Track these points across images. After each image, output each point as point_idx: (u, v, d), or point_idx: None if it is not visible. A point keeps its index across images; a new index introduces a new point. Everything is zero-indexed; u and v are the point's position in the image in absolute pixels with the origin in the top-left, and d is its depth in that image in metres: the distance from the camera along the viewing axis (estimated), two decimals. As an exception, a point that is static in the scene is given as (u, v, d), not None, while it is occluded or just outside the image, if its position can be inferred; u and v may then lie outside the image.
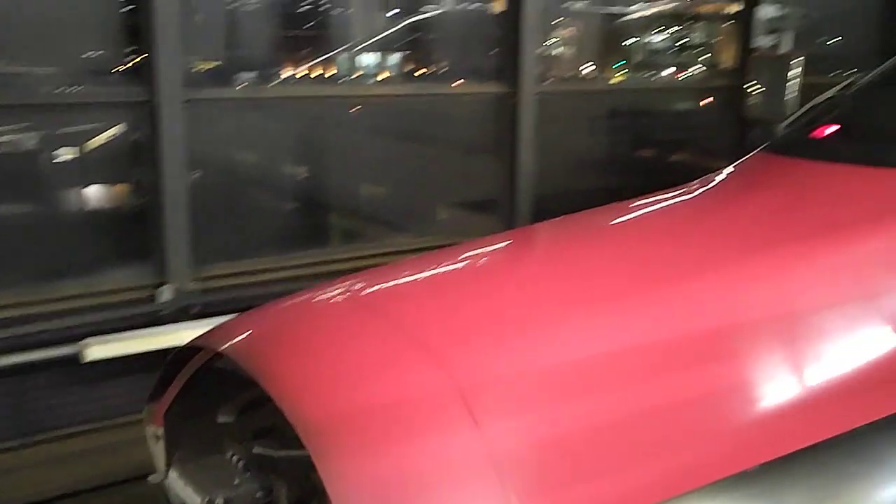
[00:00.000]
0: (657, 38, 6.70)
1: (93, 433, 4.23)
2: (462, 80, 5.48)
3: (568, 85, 6.00)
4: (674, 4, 6.66)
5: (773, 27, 6.10)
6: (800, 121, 3.50)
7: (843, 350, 2.20)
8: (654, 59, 6.68)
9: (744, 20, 6.34)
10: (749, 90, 6.20)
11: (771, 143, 3.36)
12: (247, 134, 4.75)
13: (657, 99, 6.50)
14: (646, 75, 6.59)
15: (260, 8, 4.91)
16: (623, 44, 6.53)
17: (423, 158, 5.44)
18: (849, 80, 3.75)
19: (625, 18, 6.45)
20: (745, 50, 6.30)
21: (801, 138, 3.26)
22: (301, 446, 1.86)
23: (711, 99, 6.62)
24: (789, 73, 6.00)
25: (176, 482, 2.44)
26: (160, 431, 2.54)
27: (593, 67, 6.27)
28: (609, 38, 6.41)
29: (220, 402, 2.47)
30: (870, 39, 7.45)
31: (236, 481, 2.29)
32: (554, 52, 6.18)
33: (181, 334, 4.14)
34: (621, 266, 2.44)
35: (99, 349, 3.95)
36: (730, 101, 6.46)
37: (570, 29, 6.21)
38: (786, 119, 5.44)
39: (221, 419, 2.44)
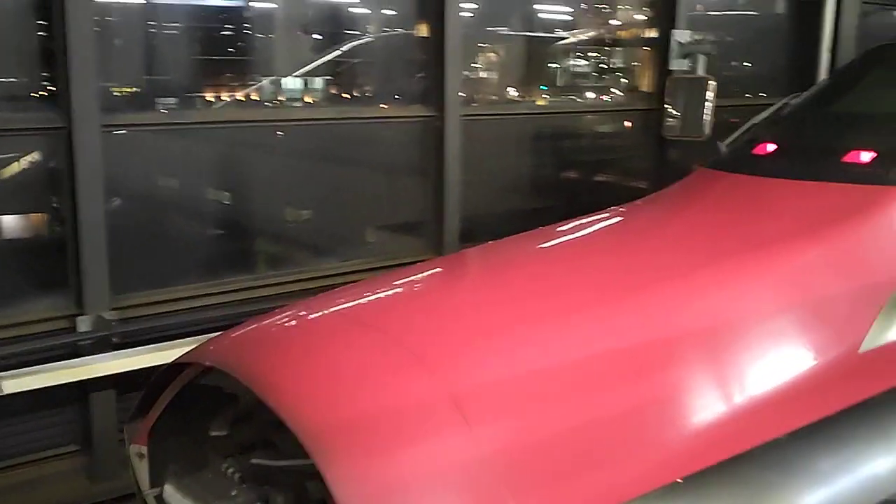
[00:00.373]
0: (580, 63, 6.85)
1: (11, 470, 4.09)
2: (388, 105, 5.51)
3: (493, 108, 6.08)
4: (594, 31, 6.82)
5: (688, 52, 6.28)
6: (740, 139, 3.87)
7: (777, 360, 2.45)
8: (578, 82, 6.82)
9: (660, 45, 6.53)
10: (667, 111, 6.41)
11: (715, 160, 3.75)
12: (168, 160, 4.67)
13: (581, 121, 6.63)
14: (569, 98, 6.72)
15: (181, 32, 4.85)
16: (547, 68, 6.65)
17: (350, 182, 5.43)
18: (783, 102, 4.19)
19: (548, 43, 6.58)
20: (663, 73, 6.49)
21: (743, 155, 3.62)
22: (298, 455, 1.96)
23: (632, 121, 6.79)
24: (704, 95, 6.23)
25: (173, 496, 2.50)
26: (144, 450, 2.58)
27: (518, 91, 6.37)
28: (533, 63, 6.51)
29: (210, 417, 2.52)
30: (776, 65, 7.76)
31: (234, 492, 2.36)
32: (479, 76, 6.25)
33: (101, 365, 4.05)
34: (584, 281, 2.74)
35: (16, 382, 3.83)
36: (649, 122, 6.64)
37: (495, 53, 6.30)
38: (702, 138, 5.76)
39: (214, 433, 2.49)
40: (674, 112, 6.47)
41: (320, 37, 5.45)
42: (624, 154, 6.89)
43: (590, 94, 6.86)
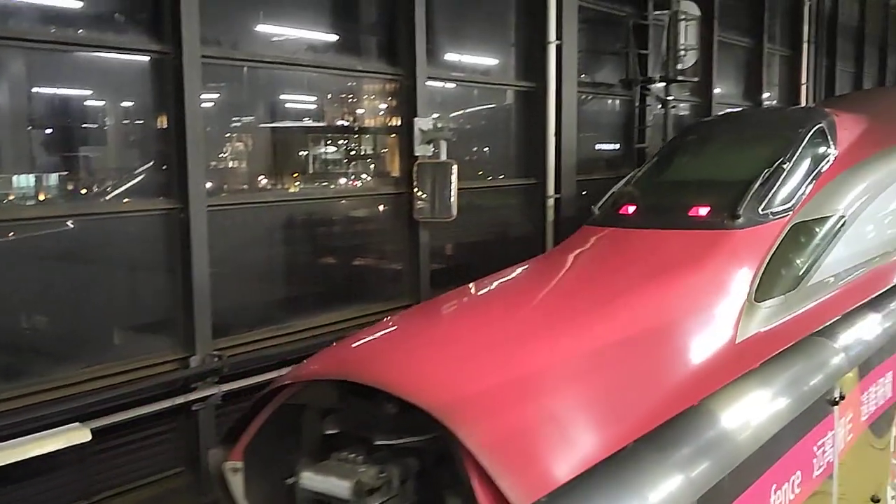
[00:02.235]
0: (331, 150, 6.97)
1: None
2: (129, 198, 5.28)
3: (243, 197, 5.99)
4: (344, 119, 6.99)
5: (430, 138, 6.61)
6: (606, 204, 5.20)
7: (688, 350, 3.63)
8: (330, 169, 6.93)
9: (405, 132, 6.82)
10: (417, 195, 6.69)
11: (592, 219, 5.11)
12: None
13: (334, 207, 6.71)
14: (322, 185, 6.79)
15: None
16: (299, 155, 6.69)
17: (93, 281, 5.11)
18: (630, 175, 5.59)
19: (299, 132, 6.64)
20: (409, 158, 6.76)
21: (612, 215, 5.00)
22: (416, 433, 2.95)
23: (384, 205, 6.98)
24: (449, 179, 6.59)
25: (313, 479, 3.10)
26: (239, 465, 3.33)
27: (269, 179, 6.34)
28: (285, 151, 6.54)
29: (313, 422, 3.31)
30: (510, 150, 8.38)
31: (361, 469, 3.06)
32: (229, 166, 6.17)
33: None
34: (550, 306, 4.00)
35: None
36: (401, 205, 6.86)
37: (243, 143, 6.26)
38: (451, 219, 6.27)
39: (328, 431, 3.25)
40: (422, 195, 6.78)
41: (52, 131, 5.15)
42: (378, 237, 7.05)
43: (342, 180, 6.99)
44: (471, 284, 4.35)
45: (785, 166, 4.79)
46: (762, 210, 4.54)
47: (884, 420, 3.32)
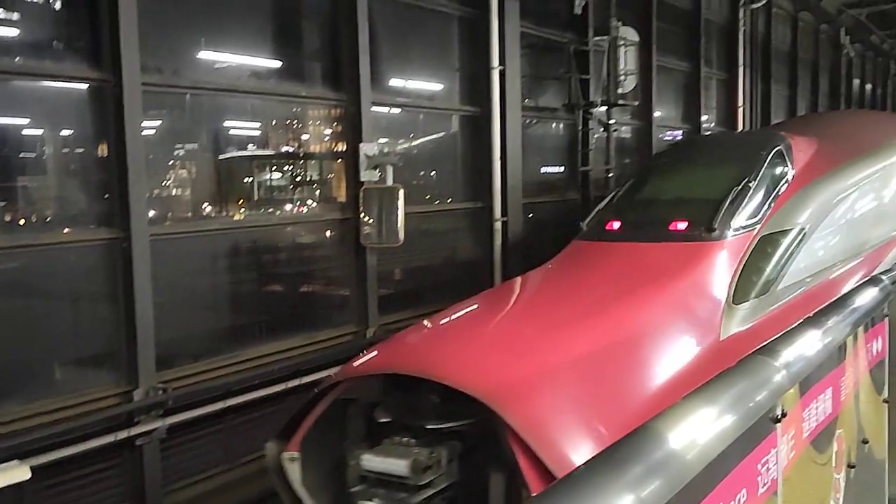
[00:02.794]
0: (276, 176, 6.92)
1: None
2: (70, 228, 5.17)
3: (187, 225, 5.91)
4: (289, 146, 6.96)
5: (376, 163, 6.61)
6: (593, 221, 5.73)
7: (678, 347, 4.28)
8: (275, 195, 6.87)
9: (351, 157, 6.81)
10: (363, 220, 6.68)
11: (582, 235, 5.64)
12: None
13: (281, 233, 6.66)
14: (268, 212, 6.73)
15: None
16: (244, 182, 6.63)
17: (32, 315, 4.98)
18: (612, 195, 6.14)
19: (244, 159, 6.58)
20: (356, 184, 6.75)
21: (600, 230, 5.54)
22: (456, 419, 3.51)
23: (330, 231, 6.95)
24: (396, 204, 6.59)
25: (372, 461, 3.58)
26: (296, 454, 3.84)
27: (214, 206, 6.27)
28: (229, 177, 6.47)
29: (362, 414, 3.81)
30: (457, 174, 8.44)
31: (415, 451, 3.53)
32: (172, 194, 6.08)
33: None
34: (568, 303, 4.64)
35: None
36: (347, 231, 6.84)
37: (187, 169, 6.18)
38: (398, 244, 6.30)
39: (381, 419, 3.71)
40: (369, 220, 6.77)
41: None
42: (324, 264, 7.01)
43: (288, 207, 6.94)
44: (489, 291, 5.34)
45: (751, 185, 5.34)
46: (734, 224, 5.11)
47: (825, 436, 3.40)
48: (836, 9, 17.58)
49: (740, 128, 14.35)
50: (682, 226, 5.15)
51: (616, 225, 5.50)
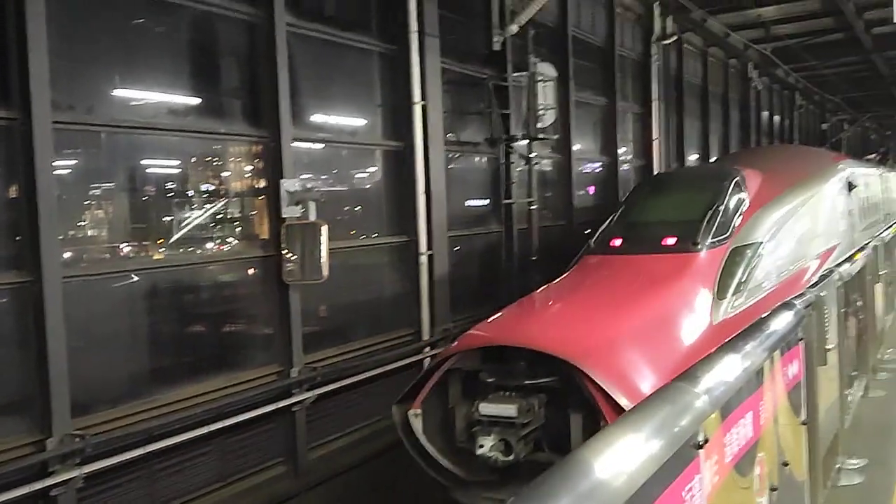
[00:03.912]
0: (196, 214, 6.77)
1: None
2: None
3: (103, 266, 5.73)
4: (209, 183, 6.83)
5: (298, 199, 6.55)
6: (599, 239, 7.23)
7: (684, 331, 5.88)
8: (195, 233, 6.71)
9: (272, 194, 6.73)
10: (286, 257, 6.59)
11: (590, 250, 7.13)
12: None
13: (201, 272, 6.50)
14: (188, 251, 6.57)
15: None
16: (163, 220, 6.46)
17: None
18: (609, 219, 7.55)
19: (161, 196, 6.42)
20: (278, 220, 6.67)
21: (606, 246, 7.05)
22: (549, 376, 5.08)
23: (253, 269, 6.83)
24: (319, 240, 6.52)
25: (488, 408, 5.02)
26: (419, 411, 5.34)
27: (132, 246, 6.09)
28: (147, 216, 6.30)
29: (468, 378, 5.39)
30: (382, 209, 8.43)
31: (518, 400, 4.98)
32: (87, 234, 5.89)
33: None
34: (596, 299, 6.32)
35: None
36: (269, 268, 6.73)
37: (104, 209, 6.00)
38: (322, 280, 6.27)
39: (488, 380, 5.22)
40: (292, 257, 6.68)
41: None
42: (247, 302, 6.88)
43: (209, 245, 6.79)
44: (539, 291, 6.60)
45: (720, 208, 6.88)
46: (711, 239, 6.62)
47: (747, 460, 3.48)
48: (743, 44, 18.31)
49: (656, 160, 14.78)
50: (671, 241, 6.63)
51: (618, 242, 6.98)
